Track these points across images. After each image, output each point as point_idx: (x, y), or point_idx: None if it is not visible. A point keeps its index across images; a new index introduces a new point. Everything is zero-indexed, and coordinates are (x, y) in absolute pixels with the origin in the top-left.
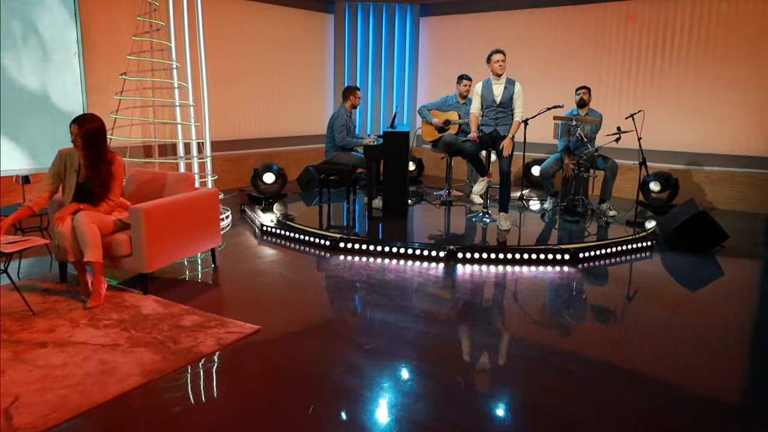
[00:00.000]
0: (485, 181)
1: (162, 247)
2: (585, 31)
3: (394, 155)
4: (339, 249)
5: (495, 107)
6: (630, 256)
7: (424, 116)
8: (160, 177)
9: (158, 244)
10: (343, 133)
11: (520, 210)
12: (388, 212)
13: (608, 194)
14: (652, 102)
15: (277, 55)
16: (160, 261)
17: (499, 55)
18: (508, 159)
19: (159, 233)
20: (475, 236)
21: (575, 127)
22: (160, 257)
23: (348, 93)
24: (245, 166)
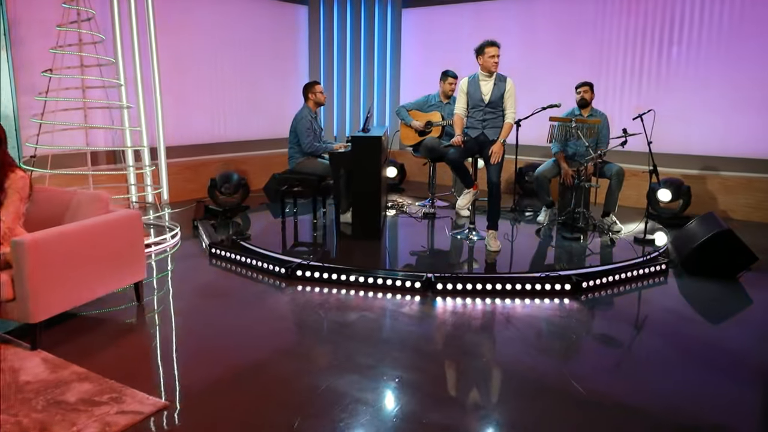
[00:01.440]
0: (471, 193)
1: (57, 288)
2: (584, 22)
3: (365, 164)
4: (296, 278)
5: (483, 107)
6: (641, 283)
7: (402, 117)
8: (64, 197)
9: (51, 286)
10: (310, 137)
11: (513, 222)
12: (359, 231)
13: (613, 205)
14: (660, 100)
15: (244, 50)
16: (55, 306)
17: (493, 48)
18: (498, 168)
19: (53, 271)
20: (459, 258)
21: (575, 129)
22: (54, 301)
23: (307, 90)
24: (207, 174)
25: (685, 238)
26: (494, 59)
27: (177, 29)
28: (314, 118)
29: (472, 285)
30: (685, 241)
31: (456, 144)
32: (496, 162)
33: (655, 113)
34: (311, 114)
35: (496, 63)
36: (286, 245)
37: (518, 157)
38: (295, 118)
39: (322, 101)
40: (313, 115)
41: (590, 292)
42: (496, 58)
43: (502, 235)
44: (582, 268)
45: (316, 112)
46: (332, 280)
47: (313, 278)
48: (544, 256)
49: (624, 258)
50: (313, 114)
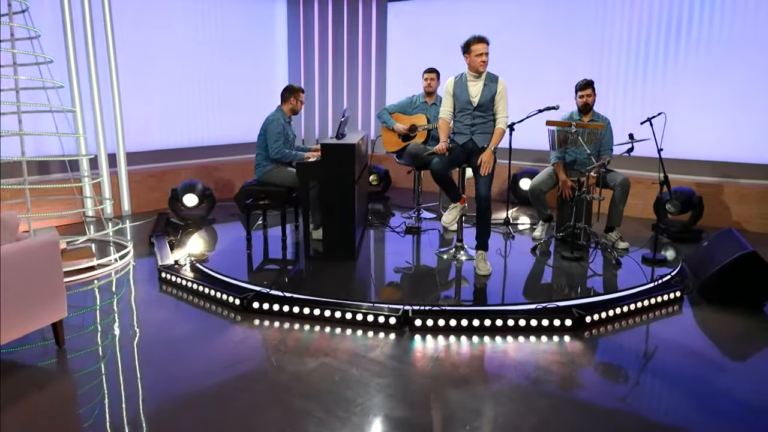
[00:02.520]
0: (458, 208)
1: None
2: (584, 15)
3: (336, 175)
4: (252, 310)
5: (471, 111)
6: (652, 314)
7: (384, 121)
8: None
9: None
10: (279, 142)
11: (506, 237)
12: (330, 251)
13: (618, 219)
14: (667, 100)
15: (217, 47)
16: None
17: (481, 45)
18: (488, 179)
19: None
20: (444, 284)
21: (575, 134)
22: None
23: (288, 94)
24: (175, 182)
25: (701, 259)
26: (482, 58)
27: (138, 24)
28: (288, 122)
29: (456, 321)
30: (701, 263)
31: (440, 152)
32: (487, 173)
33: (666, 117)
34: (285, 118)
35: (484, 62)
36: (252, 266)
37: (512, 162)
38: (266, 120)
39: (299, 110)
40: (286, 119)
41: (594, 328)
42: (485, 57)
43: (494, 250)
44: (584, 297)
45: (290, 119)
46: (294, 314)
47: (272, 311)
48: (540, 281)
49: (632, 283)
50: (286, 119)
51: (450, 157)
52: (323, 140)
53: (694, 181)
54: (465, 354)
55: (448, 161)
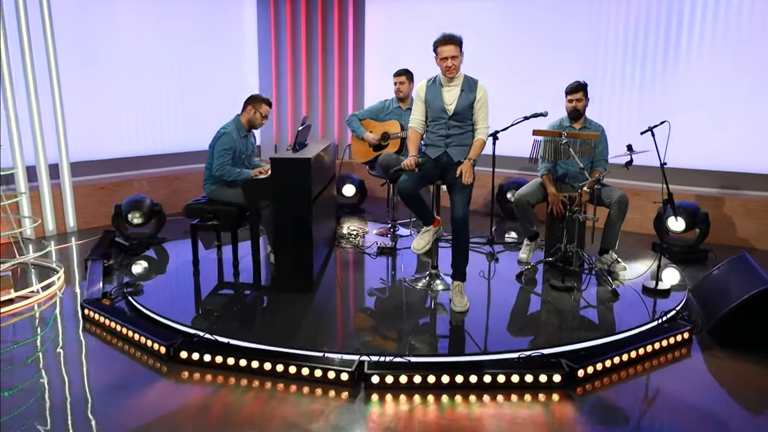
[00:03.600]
0: (431, 231)
1: None
2: (576, 13)
3: (290, 195)
4: (180, 361)
5: (446, 120)
6: (656, 360)
7: (353, 129)
8: None
9: None
10: (223, 159)
11: (489, 258)
12: (285, 284)
13: (614, 241)
14: (666, 106)
15: (179, 46)
16: None
17: (447, 47)
18: (465, 198)
19: None
20: (412, 324)
21: (565, 145)
22: None
23: (250, 103)
24: (128, 195)
25: (711, 292)
26: (447, 63)
27: (87, 20)
28: (243, 137)
29: (421, 377)
30: (711, 296)
31: (408, 168)
32: (467, 184)
33: (670, 126)
34: (240, 131)
35: (449, 68)
36: (198, 297)
37: (498, 171)
38: (218, 131)
39: (258, 124)
40: (242, 133)
41: (587, 382)
42: (449, 61)
43: (476, 272)
44: (576, 341)
45: (249, 132)
46: (227, 366)
47: (202, 363)
48: (525, 317)
49: (631, 321)
50: (242, 132)
51: (421, 173)
52: (278, 153)
53: (695, 192)
54: (431, 422)
55: (418, 178)
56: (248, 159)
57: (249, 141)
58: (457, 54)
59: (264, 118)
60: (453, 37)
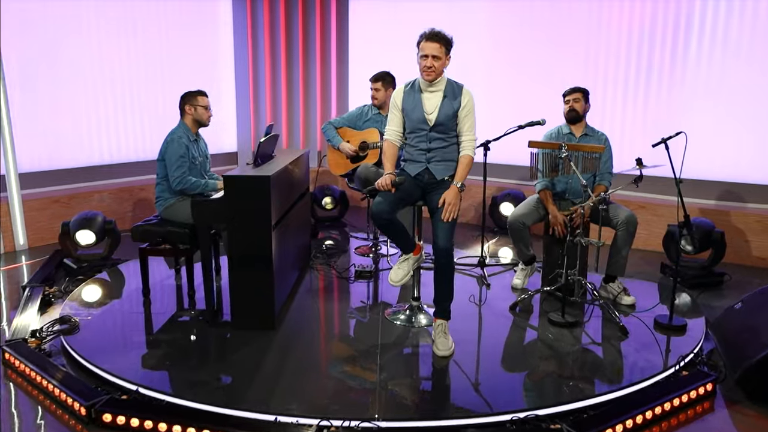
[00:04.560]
0: (410, 260)
1: None
2: (575, 10)
3: (247, 218)
4: (103, 425)
5: (426, 131)
6: (677, 418)
7: (328, 138)
8: None
9: None
10: (182, 169)
11: (481, 282)
12: (242, 321)
13: (621, 267)
14: (673, 114)
15: (149, 47)
16: None
17: (431, 44)
18: (450, 225)
19: None
20: (386, 374)
21: (566, 158)
22: None
23: (183, 104)
24: (85, 208)
25: (736, 331)
26: (426, 61)
27: (41, 20)
28: (193, 141)
29: None
30: (737, 336)
31: (383, 188)
32: (449, 218)
33: (686, 137)
34: (189, 135)
35: (428, 68)
36: (147, 332)
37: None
38: (165, 139)
39: (205, 120)
40: (191, 137)
41: None
42: (429, 60)
43: (467, 296)
44: (578, 398)
45: (197, 135)
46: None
47: (128, 427)
48: (518, 362)
49: (644, 369)
50: (191, 136)
51: (398, 194)
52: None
53: (704, 205)
54: None
55: (395, 200)
56: (203, 165)
57: (200, 145)
58: (440, 54)
59: (207, 110)
60: (439, 34)
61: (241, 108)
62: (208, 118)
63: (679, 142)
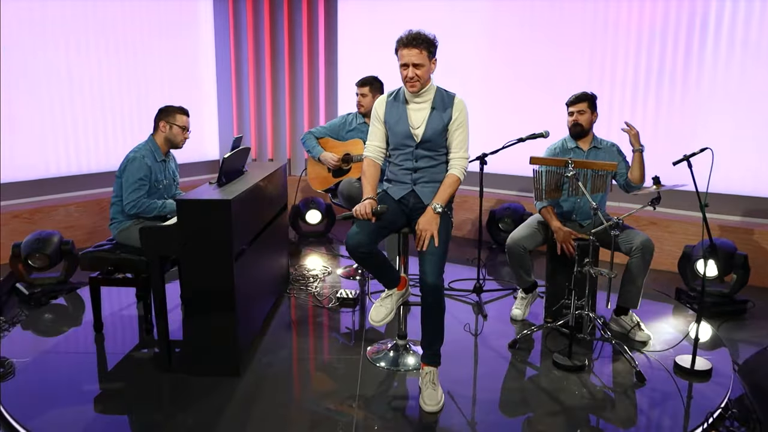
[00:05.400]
0: (393, 296)
1: None
2: (579, 10)
3: (203, 249)
4: None
5: (413, 148)
6: None
7: (308, 149)
8: None
9: None
10: (139, 192)
11: (476, 310)
12: (200, 368)
13: (635, 299)
14: (687, 123)
15: (121, 50)
16: None
17: (410, 50)
18: (438, 257)
19: None
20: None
21: (572, 177)
22: None
23: (158, 119)
24: (52, 223)
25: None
26: (407, 71)
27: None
28: (160, 161)
29: None
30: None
31: (362, 217)
32: (424, 247)
33: (713, 154)
34: (156, 155)
35: (411, 79)
36: (82, 388)
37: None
38: (126, 156)
39: (179, 142)
40: (158, 157)
41: None
42: (411, 70)
43: (462, 326)
44: None
45: (167, 155)
46: None
47: None
48: (517, 416)
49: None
50: (158, 156)
51: (379, 222)
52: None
53: (723, 222)
54: None
55: (375, 230)
56: (167, 189)
57: (169, 166)
58: (422, 61)
59: (184, 131)
60: (418, 37)
61: (224, 113)
62: (182, 141)
63: (704, 159)
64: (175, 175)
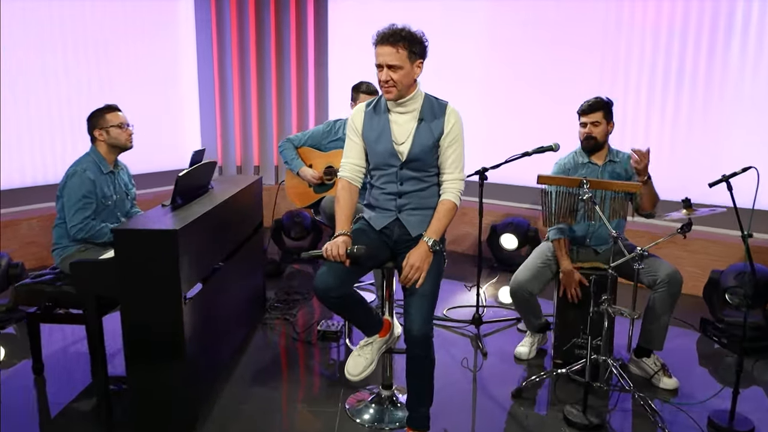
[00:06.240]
0: (374, 344)
1: None
2: (589, 10)
3: (144, 288)
4: None
5: (397, 168)
6: None
7: (286, 159)
8: None
9: None
10: (83, 213)
11: (475, 343)
12: (148, 419)
13: (660, 339)
14: (708, 132)
15: (92, 52)
16: None
17: (385, 49)
18: (427, 304)
19: None
20: None
21: (589, 201)
22: None
23: (92, 127)
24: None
25: None
26: (380, 74)
27: None
28: (107, 174)
29: None
30: None
31: (334, 258)
32: (410, 282)
33: (758, 174)
34: (101, 167)
35: (385, 83)
36: None
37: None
38: (66, 172)
39: (123, 142)
40: (104, 169)
41: None
42: (385, 73)
43: (459, 358)
44: None
45: (116, 165)
46: None
47: None
48: None
49: None
50: (105, 167)
51: (356, 262)
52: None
53: (753, 241)
54: None
55: (348, 272)
56: (119, 206)
57: (119, 178)
58: (400, 62)
59: (124, 128)
60: (397, 32)
61: (206, 117)
62: (128, 139)
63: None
64: (128, 188)
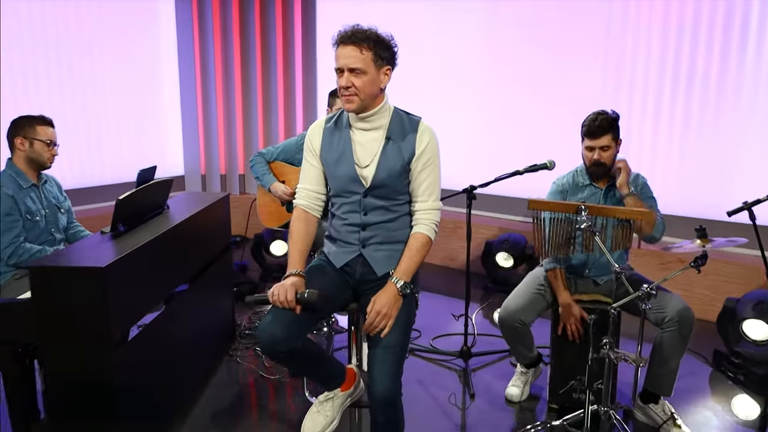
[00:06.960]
0: (336, 399)
1: None
2: (591, 16)
3: (69, 335)
4: None
5: (360, 196)
6: None
7: (257, 175)
8: None
9: None
10: (13, 232)
11: (460, 377)
12: None
13: (668, 385)
14: (720, 143)
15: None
16: None
17: (346, 50)
18: (395, 359)
19: None
20: None
21: (587, 228)
22: None
23: (13, 135)
24: None
25: None
26: (340, 80)
27: None
28: (28, 188)
29: None
30: None
31: (282, 305)
32: (376, 331)
33: None
34: (20, 181)
35: (345, 90)
36: None
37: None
38: None
39: (44, 160)
40: (25, 183)
41: None
42: (345, 78)
43: (441, 403)
44: None
45: (39, 178)
46: None
47: None
48: None
49: None
50: (25, 182)
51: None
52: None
53: None
54: None
55: (298, 321)
56: (53, 222)
57: (47, 192)
58: (364, 66)
59: (50, 147)
60: (360, 32)
61: (188, 123)
62: (50, 159)
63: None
64: (58, 201)
